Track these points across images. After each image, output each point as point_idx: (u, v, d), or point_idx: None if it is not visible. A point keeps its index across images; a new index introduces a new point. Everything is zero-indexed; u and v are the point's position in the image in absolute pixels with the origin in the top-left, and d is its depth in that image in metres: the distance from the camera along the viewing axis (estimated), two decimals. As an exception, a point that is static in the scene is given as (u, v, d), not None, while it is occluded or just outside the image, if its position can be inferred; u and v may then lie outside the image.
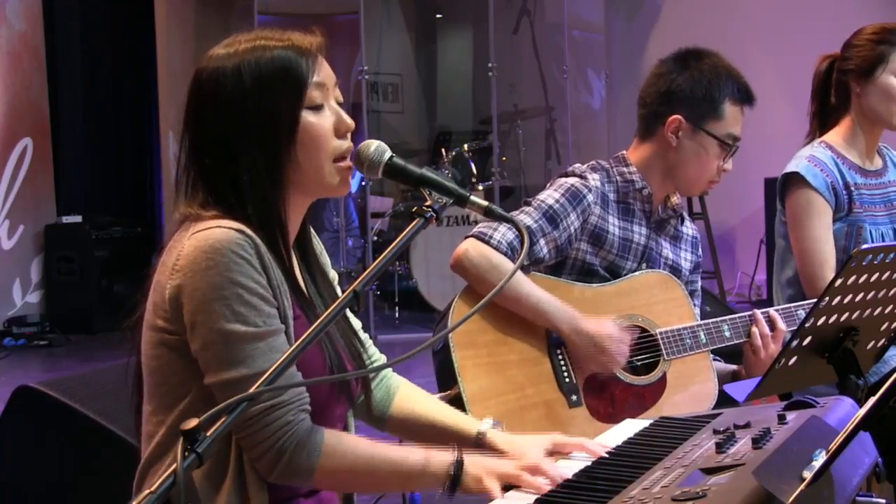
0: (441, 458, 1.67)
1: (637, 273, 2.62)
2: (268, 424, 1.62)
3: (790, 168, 2.89)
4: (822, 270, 2.81)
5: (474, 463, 1.67)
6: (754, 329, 2.53)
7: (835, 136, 2.96)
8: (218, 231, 1.64)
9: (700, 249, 2.82)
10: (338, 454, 1.65)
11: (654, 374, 2.54)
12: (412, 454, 1.69)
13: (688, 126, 2.58)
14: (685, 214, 2.80)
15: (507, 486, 1.65)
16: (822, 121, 3.03)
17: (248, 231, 1.65)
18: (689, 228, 2.79)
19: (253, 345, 1.62)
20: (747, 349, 2.55)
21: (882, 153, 3.03)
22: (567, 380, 2.48)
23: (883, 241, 2.89)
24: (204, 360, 1.63)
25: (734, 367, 2.65)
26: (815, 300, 2.11)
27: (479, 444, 1.86)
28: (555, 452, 1.80)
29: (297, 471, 1.64)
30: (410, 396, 1.99)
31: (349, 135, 1.76)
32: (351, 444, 1.69)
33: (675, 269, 2.70)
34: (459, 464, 1.66)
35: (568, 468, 1.65)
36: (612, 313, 2.53)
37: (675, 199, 2.73)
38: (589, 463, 1.67)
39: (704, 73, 2.58)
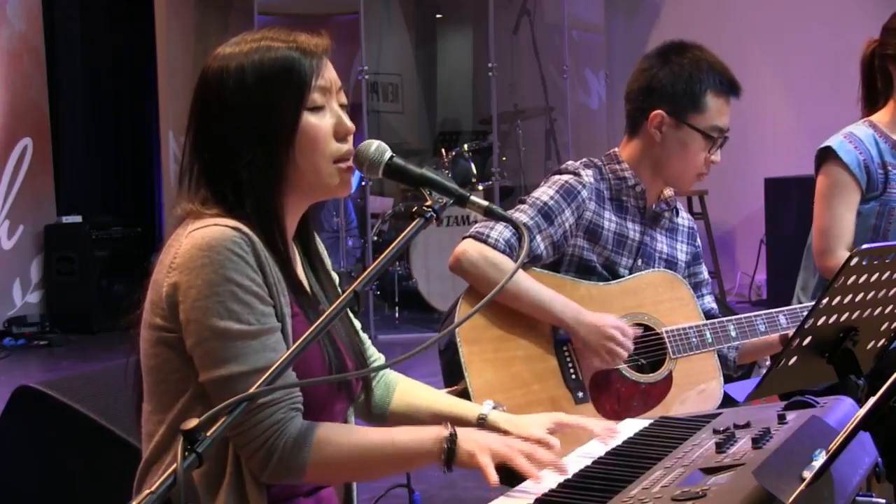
0: (434, 434, 1.66)
1: (643, 272, 2.63)
2: (258, 423, 1.61)
3: (826, 143, 2.91)
4: (836, 246, 2.83)
5: (468, 438, 1.65)
6: None
7: (882, 115, 2.99)
8: (214, 229, 1.64)
9: (698, 240, 2.83)
10: (328, 448, 1.65)
11: (660, 372, 2.54)
12: (404, 435, 1.69)
13: (670, 120, 2.59)
14: (679, 206, 2.80)
15: (511, 476, 1.64)
16: (870, 104, 3.03)
17: (245, 229, 1.65)
18: (684, 220, 2.80)
19: (245, 342, 1.62)
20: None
21: None
22: (573, 376, 2.49)
23: None
24: (198, 357, 1.64)
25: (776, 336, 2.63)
26: (814, 301, 2.11)
27: (481, 427, 1.87)
28: (557, 431, 1.81)
29: (288, 469, 1.63)
30: (409, 390, 2.00)
31: (350, 137, 1.77)
32: (341, 435, 1.68)
33: (670, 263, 2.71)
34: (453, 437, 1.64)
35: (572, 464, 1.65)
36: (618, 311, 2.55)
37: (668, 192, 2.73)
38: (589, 463, 1.67)
39: (685, 67, 2.58)
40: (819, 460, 1.32)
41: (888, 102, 2.97)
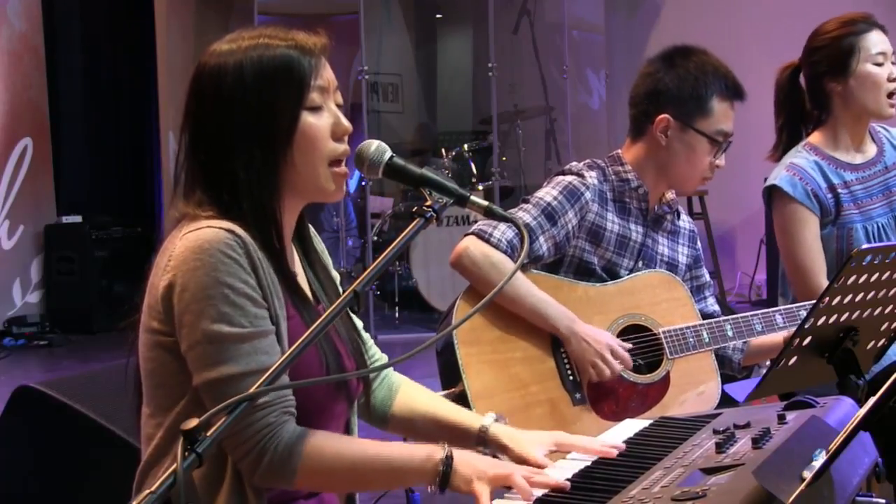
0: (429, 453, 1.62)
1: (640, 273, 2.63)
2: (250, 426, 1.60)
3: (771, 180, 2.89)
4: (815, 278, 2.81)
5: (465, 462, 1.61)
6: None
7: (818, 136, 2.94)
8: (207, 231, 1.63)
9: (698, 243, 2.83)
10: (320, 455, 1.63)
11: (658, 372, 2.54)
12: (399, 451, 1.66)
13: (676, 124, 2.59)
14: (681, 209, 2.80)
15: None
16: (791, 132, 3.00)
17: (239, 231, 1.65)
18: (685, 222, 2.80)
19: (237, 345, 1.61)
20: None
21: (877, 137, 3.00)
22: (571, 378, 2.49)
23: (880, 234, 2.88)
24: (190, 360, 1.63)
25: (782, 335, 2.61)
26: (815, 301, 2.11)
27: (482, 439, 1.85)
28: (557, 452, 1.79)
29: (278, 472, 1.62)
30: (412, 394, 1.99)
31: (346, 138, 1.76)
32: (334, 443, 1.66)
33: (671, 266, 2.71)
34: (449, 459, 1.61)
35: (567, 468, 1.64)
36: (615, 312, 2.54)
37: (670, 195, 2.73)
38: (589, 463, 1.67)
39: (691, 71, 2.58)
40: (819, 460, 1.32)
41: (826, 121, 2.93)
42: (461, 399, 2.34)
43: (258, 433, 1.61)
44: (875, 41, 2.86)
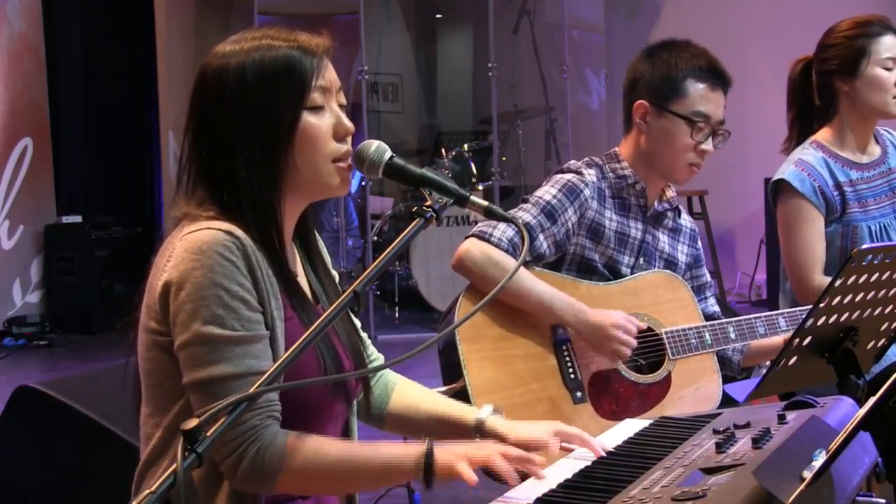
0: (410, 450, 1.62)
1: (644, 273, 2.63)
2: (232, 428, 1.58)
3: (778, 174, 2.90)
4: (811, 274, 2.82)
5: (445, 451, 1.61)
6: None
7: (825, 133, 2.96)
8: (207, 233, 1.64)
9: (699, 243, 2.84)
10: (301, 458, 1.62)
11: (659, 373, 2.55)
12: (380, 450, 1.65)
13: (652, 109, 2.61)
14: (681, 207, 2.81)
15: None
16: (802, 126, 3.01)
17: (238, 233, 1.65)
18: (686, 221, 2.81)
19: (228, 348, 1.61)
20: None
21: (881, 139, 3.02)
22: (572, 376, 2.49)
23: (885, 233, 2.88)
24: (182, 359, 1.63)
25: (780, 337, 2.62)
26: (815, 301, 2.11)
27: (479, 431, 1.85)
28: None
29: (259, 475, 1.61)
30: (407, 392, 1.99)
31: (349, 138, 1.76)
32: (315, 446, 1.64)
33: (670, 263, 2.72)
34: (430, 453, 1.61)
35: (567, 468, 1.64)
36: None
37: (670, 193, 2.74)
38: (589, 462, 1.67)
39: (664, 58, 2.62)
40: (819, 460, 1.32)
41: (833, 118, 2.94)
42: (462, 395, 2.35)
43: (240, 436, 1.60)
44: (888, 45, 2.88)
